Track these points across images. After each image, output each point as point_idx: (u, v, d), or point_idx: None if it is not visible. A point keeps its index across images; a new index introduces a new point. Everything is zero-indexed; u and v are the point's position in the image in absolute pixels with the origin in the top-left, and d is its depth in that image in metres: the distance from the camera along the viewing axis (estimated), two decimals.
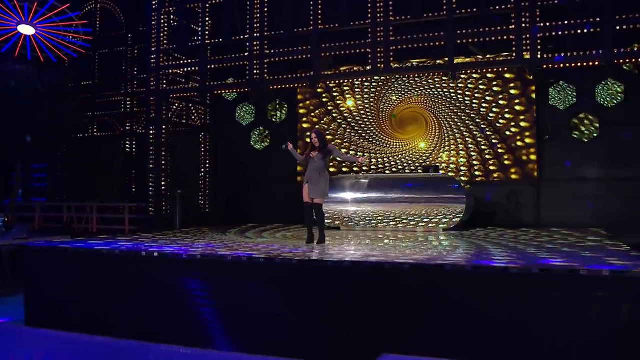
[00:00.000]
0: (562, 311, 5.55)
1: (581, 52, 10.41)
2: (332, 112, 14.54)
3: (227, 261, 6.82)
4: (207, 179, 15.38)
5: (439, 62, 11.99)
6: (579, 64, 10.58)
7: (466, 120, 13.28)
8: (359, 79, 13.98)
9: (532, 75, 11.38)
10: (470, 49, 11.95)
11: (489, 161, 13.05)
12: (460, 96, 13.33)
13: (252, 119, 15.23)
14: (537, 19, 10.61)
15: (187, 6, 13.64)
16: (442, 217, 11.38)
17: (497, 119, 13.00)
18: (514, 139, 12.84)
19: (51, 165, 17.38)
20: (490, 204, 12.95)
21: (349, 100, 14.24)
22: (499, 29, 10.87)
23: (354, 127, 14.33)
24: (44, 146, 15.91)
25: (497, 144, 12.93)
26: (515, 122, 12.85)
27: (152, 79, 13.56)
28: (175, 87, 13.91)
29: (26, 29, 12.57)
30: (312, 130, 9.06)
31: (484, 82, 13.06)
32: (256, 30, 12.71)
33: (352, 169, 14.25)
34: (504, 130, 12.93)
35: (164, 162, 13.62)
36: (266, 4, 12.69)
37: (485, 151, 13.09)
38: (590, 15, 10.37)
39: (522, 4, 10.68)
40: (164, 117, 13.64)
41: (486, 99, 13.09)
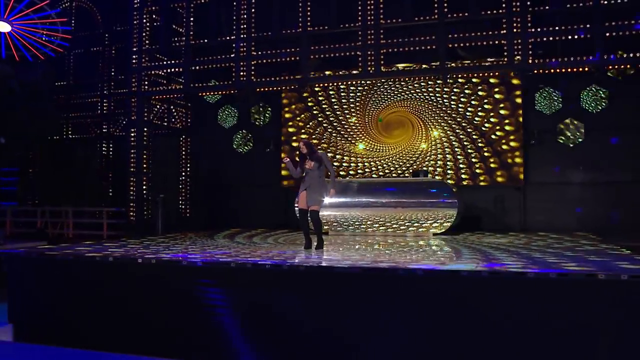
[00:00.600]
0: (581, 316, 5.49)
1: (572, 58, 10.50)
2: (318, 116, 14.38)
3: (248, 269, 6.57)
4: (187, 183, 15.02)
5: (428, 66, 11.94)
6: (570, 70, 10.66)
7: (452, 124, 13.30)
8: (345, 83, 13.88)
9: (521, 80, 11.43)
10: (459, 53, 11.94)
11: (475, 164, 13.09)
12: (446, 100, 13.34)
13: (234, 122, 14.95)
14: (529, 24, 10.66)
15: (171, 6, 13.29)
16: (433, 221, 11.33)
17: (483, 123, 13.05)
18: (499, 142, 12.91)
19: (22, 168, 16.72)
20: (476, 208, 12.98)
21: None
22: (490, 33, 10.88)
23: (340, 131, 14.20)
24: (16, 148, 15.30)
25: (482, 147, 12.99)
26: (500, 125, 12.92)
27: (133, 80, 13.15)
28: (157, 89, 13.53)
29: (1, 26, 12.05)
30: (300, 141, 8.91)
31: (469, 87, 13.10)
32: (243, 31, 12.46)
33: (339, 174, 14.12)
34: (489, 134, 12.99)
35: (145, 166, 13.22)
36: (253, 4, 12.45)
37: (471, 154, 13.12)
38: (580, 21, 10.48)
39: (514, 9, 10.72)
40: (146, 119, 13.25)
41: (472, 103, 13.13)
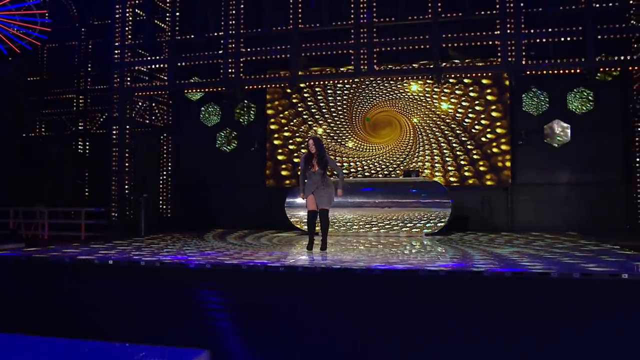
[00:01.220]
0: (608, 316, 5.47)
1: (565, 60, 10.61)
2: (303, 114, 14.19)
3: (260, 271, 6.34)
4: (168, 182, 14.63)
5: (416, 66, 11.93)
6: (563, 71, 10.77)
7: (441, 125, 13.30)
8: (331, 81, 13.73)
9: (513, 81, 11.49)
10: (450, 53, 11.94)
11: (464, 167, 13.12)
12: (435, 101, 13.34)
13: (217, 120, 14.61)
14: (522, 26, 10.72)
15: (153, 0, 12.91)
16: (426, 221, 11.29)
17: (473, 125, 13.09)
18: (490, 145, 12.97)
19: None
20: (464, 209, 13.00)
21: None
22: (484, 34, 10.90)
23: (326, 129, 14.04)
24: None
25: (470, 148, 13.03)
26: (491, 127, 12.98)
27: (115, 76, 12.70)
28: (141, 85, 13.11)
29: None
30: (309, 137, 8.68)
31: (460, 87, 13.12)
32: (231, 27, 12.18)
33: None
34: (479, 136, 13.04)
35: (127, 164, 12.79)
36: (242, 0, 12.18)
37: (460, 156, 13.14)
38: (572, 24, 10.60)
39: (508, 10, 10.77)
40: (128, 116, 12.82)
41: (462, 104, 13.16)
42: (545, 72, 10.84)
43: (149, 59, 12.95)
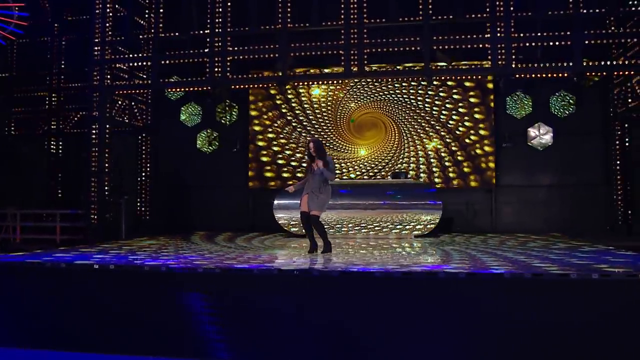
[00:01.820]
0: (626, 316, 5.53)
1: (553, 64, 10.78)
2: (287, 115, 14.02)
3: (275, 275, 6.15)
4: (147, 184, 14.23)
5: (401, 67, 11.94)
6: (551, 75, 10.94)
7: (426, 126, 13.35)
8: (316, 82, 13.62)
9: (502, 84, 11.60)
10: (437, 55, 11.96)
11: (449, 168, 13.20)
12: (420, 103, 13.38)
13: (198, 121, 14.28)
14: (512, 29, 10.83)
15: None
16: (416, 223, 11.29)
17: (457, 127, 13.19)
18: (474, 146, 13.09)
19: None
20: (447, 210, 13.06)
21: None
22: (474, 36, 10.97)
23: (310, 130, 13.91)
24: None
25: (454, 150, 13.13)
26: (474, 130, 13.10)
27: (95, 73, 12.25)
28: (122, 83, 12.71)
29: None
30: (310, 139, 8.54)
31: (444, 90, 13.19)
32: (218, 25, 11.91)
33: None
34: (463, 137, 13.14)
35: (107, 165, 12.35)
36: None
37: (444, 158, 13.22)
38: (560, 29, 10.77)
39: (498, 14, 10.86)
40: (108, 115, 12.39)
41: (446, 106, 13.24)
42: (533, 75, 10.95)
43: (131, 56, 12.53)
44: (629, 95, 11.62)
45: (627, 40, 11.30)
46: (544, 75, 10.94)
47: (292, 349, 5.88)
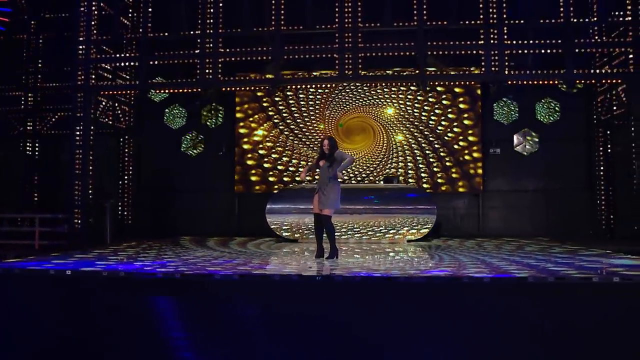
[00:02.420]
0: None
1: (545, 71, 10.99)
2: (274, 118, 13.88)
3: (294, 281, 6.02)
4: (130, 188, 13.86)
5: (400, 72, 11.99)
6: (542, 82, 11.15)
7: (415, 132, 13.42)
8: (304, 85, 13.52)
9: (494, 90, 11.74)
10: (428, 61, 12.04)
11: (437, 174, 13.29)
12: (409, 108, 13.44)
13: (183, 123, 14.00)
14: (505, 37, 11.00)
15: None
16: (410, 227, 11.30)
17: (446, 132, 13.29)
18: (462, 152, 13.21)
19: None
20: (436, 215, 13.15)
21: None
22: (469, 43, 11.09)
23: (298, 134, 13.80)
24: None
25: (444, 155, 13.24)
26: (463, 135, 13.23)
27: (80, 73, 11.86)
28: (107, 84, 12.36)
29: None
30: (325, 136, 8.43)
31: (433, 95, 13.28)
32: (209, 26, 11.70)
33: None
34: (452, 143, 13.25)
35: (91, 168, 11.97)
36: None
37: (433, 163, 13.30)
38: (552, 37, 11.00)
39: (491, 21, 11.01)
40: (92, 116, 12.02)
41: (435, 111, 13.34)
42: (525, 82, 11.14)
43: (117, 56, 12.20)
44: (614, 102, 11.93)
45: (612, 49, 11.62)
46: (536, 82, 11.13)
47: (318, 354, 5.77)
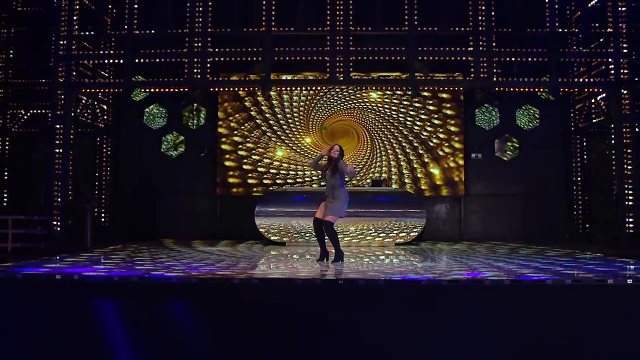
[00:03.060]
0: None
1: (532, 78, 11.29)
2: (256, 118, 13.73)
3: (317, 285, 5.93)
4: (107, 189, 13.43)
5: (387, 76, 12.08)
6: (529, 89, 11.44)
7: (399, 137, 13.52)
8: (288, 88, 13.45)
9: (482, 96, 11.94)
10: (415, 66, 12.15)
11: (421, 180, 13.42)
12: (394, 112, 13.53)
13: (163, 123, 13.67)
14: (493, 44, 11.22)
15: None
16: (399, 231, 11.37)
17: (430, 138, 13.45)
18: (447, 158, 13.39)
19: None
20: None
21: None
22: (458, 49, 11.26)
23: (280, 136, 13.69)
24: None
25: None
26: (448, 142, 13.41)
27: (60, 70, 11.43)
28: (91, 81, 11.98)
29: None
30: (336, 144, 8.33)
31: (419, 100, 13.41)
32: (198, 25, 11.47)
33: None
34: (436, 149, 13.42)
35: (71, 168, 11.55)
36: None
37: (417, 169, 13.43)
38: (538, 46, 11.31)
39: (480, 28, 11.21)
40: (73, 114, 11.60)
41: (420, 117, 13.48)
42: (512, 89, 11.41)
43: (101, 53, 11.84)
44: (593, 111, 12.34)
45: (592, 59, 12.02)
46: (522, 89, 11.41)
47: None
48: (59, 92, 11.42)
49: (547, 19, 11.33)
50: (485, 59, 11.16)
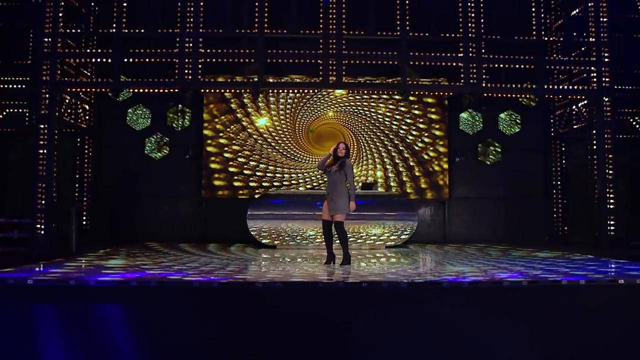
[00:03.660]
0: None
1: (518, 85, 11.60)
2: (242, 120, 13.62)
3: (345, 288, 5.93)
4: (88, 191, 13.07)
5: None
6: (515, 95, 11.74)
7: (385, 140, 13.64)
8: (274, 90, 13.39)
9: (471, 101, 12.15)
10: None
11: (406, 183, 13.57)
12: (380, 116, 13.65)
13: (147, 124, 13.38)
14: (482, 50, 11.47)
15: None
16: (390, 234, 11.48)
17: (415, 142, 13.63)
18: (431, 162, 13.59)
19: None
20: None
21: (263, 118, 13.54)
22: (449, 55, 11.46)
23: (267, 138, 13.61)
24: None
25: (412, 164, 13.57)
26: (433, 146, 13.62)
27: (45, 67, 11.08)
28: (75, 80, 11.65)
29: None
30: (340, 141, 8.37)
31: (405, 105, 13.56)
32: (189, 25, 11.31)
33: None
34: (422, 153, 13.60)
35: (56, 170, 11.21)
36: None
37: (402, 173, 13.58)
38: (522, 53, 11.63)
39: (470, 35, 11.45)
40: (57, 114, 11.25)
41: (406, 121, 13.65)
42: (500, 95, 11.69)
43: (89, 51, 11.56)
44: (574, 117, 12.76)
45: (573, 67, 12.42)
46: (509, 95, 11.72)
47: None
48: (44, 91, 11.05)
49: (534, 27, 11.66)
50: (474, 65, 11.40)
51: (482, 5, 11.55)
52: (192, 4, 11.32)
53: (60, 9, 11.24)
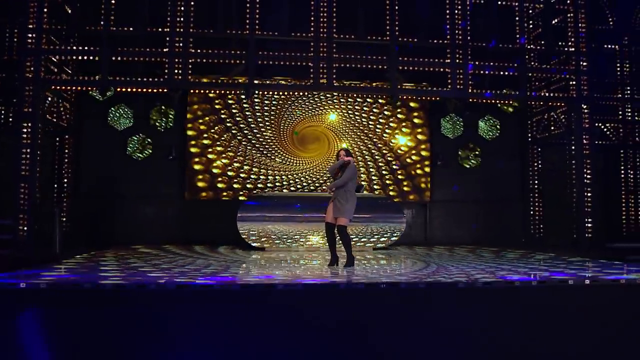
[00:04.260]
0: None
1: (503, 90, 11.93)
2: (226, 121, 13.53)
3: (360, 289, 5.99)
4: (67, 192, 12.73)
5: (358, 84, 12.35)
6: (499, 101, 12.07)
7: (368, 143, 13.79)
8: (260, 92, 13.36)
9: (458, 106, 12.39)
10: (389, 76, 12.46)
11: (389, 186, 13.76)
12: (364, 119, 13.80)
13: (129, 124, 13.14)
14: (469, 56, 11.75)
15: None
16: (379, 236, 11.61)
17: (399, 145, 13.82)
18: (414, 166, 13.81)
19: None
20: None
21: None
22: (437, 60, 11.69)
23: (251, 139, 13.57)
24: None
25: (397, 168, 13.76)
26: (416, 150, 13.84)
27: (28, 64, 10.74)
28: (63, 78, 11.35)
29: None
30: (342, 148, 8.46)
31: (388, 109, 13.75)
32: (179, 24, 11.17)
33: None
34: (404, 157, 13.81)
35: (39, 169, 10.88)
36: None
37: (385, 176, 13.76)
38: (508, 60, 11.97)
39: (457, 41, 11.71)
40: (41, 112, 10.93)
41: (390, 125, 13.83)
42: (486, 100, 11.99)
43: (75, 48, 11.24)
44: (552, 123, 13.20)
45: (550, 75, 12.85)
46: (494, 101, 12.05)
47: None
48: (27, 89, 10.72)
49: (517, 35, 12.02)
50: (461, 71, 11.66)
51: (468, 13, 11.82)
52: (183, 3, 11.17)
53: (44, 5, 10.92)
